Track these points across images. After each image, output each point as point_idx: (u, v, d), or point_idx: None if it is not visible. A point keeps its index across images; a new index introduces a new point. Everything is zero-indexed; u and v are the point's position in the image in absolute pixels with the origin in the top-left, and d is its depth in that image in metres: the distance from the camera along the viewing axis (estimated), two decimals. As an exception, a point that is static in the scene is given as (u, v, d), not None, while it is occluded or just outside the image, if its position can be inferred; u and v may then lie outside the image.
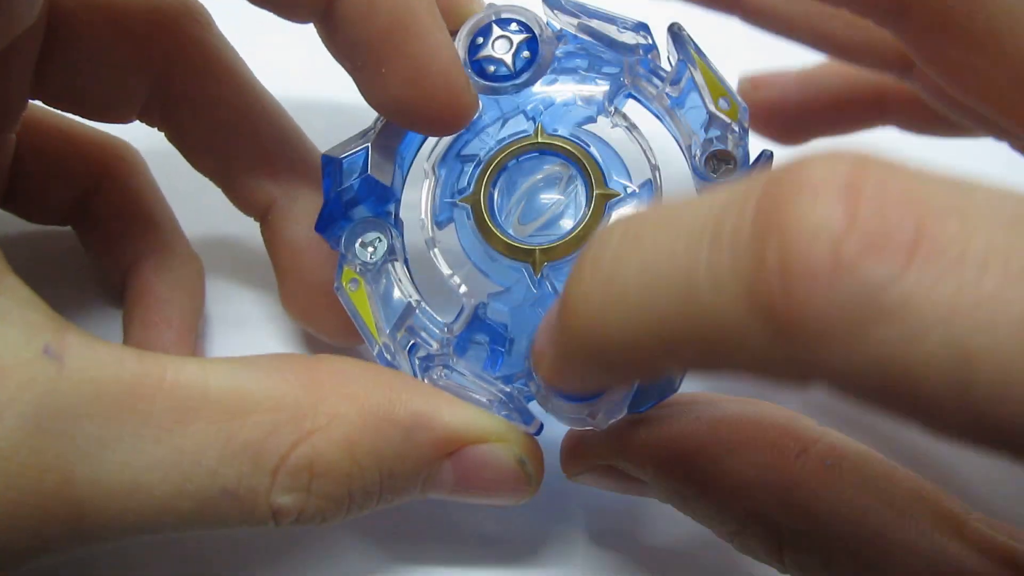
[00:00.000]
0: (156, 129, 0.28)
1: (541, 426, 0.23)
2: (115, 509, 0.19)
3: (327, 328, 0.28)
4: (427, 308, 0.25)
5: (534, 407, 0.23)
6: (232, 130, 0.28)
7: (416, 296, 0.24)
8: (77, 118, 0.28)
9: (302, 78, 0.32)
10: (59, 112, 0.28)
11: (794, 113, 0.31)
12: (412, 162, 0.27)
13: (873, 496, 0.21)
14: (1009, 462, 0.14)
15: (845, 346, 0.13)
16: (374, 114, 0.25)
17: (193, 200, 0.29)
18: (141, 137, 0.29)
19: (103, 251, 0.30)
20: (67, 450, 0.19)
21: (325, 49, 0.25)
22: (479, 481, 0.23)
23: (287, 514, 0.21)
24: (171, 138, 0.28)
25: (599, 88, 0.25)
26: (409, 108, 0.24)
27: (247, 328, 0.30)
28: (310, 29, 0.24)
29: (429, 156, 0.26)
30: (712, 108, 0.24)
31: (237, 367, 0.21)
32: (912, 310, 0.13)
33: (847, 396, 0.14)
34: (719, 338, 0.15)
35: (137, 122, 0.28)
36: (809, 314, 0.14)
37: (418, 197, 0.26)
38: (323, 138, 0.29)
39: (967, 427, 0.13)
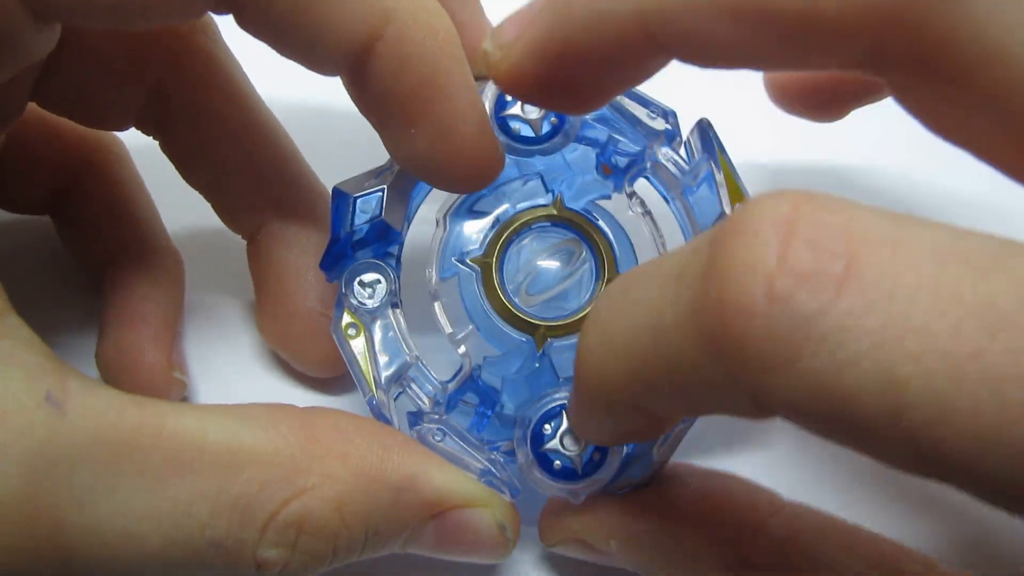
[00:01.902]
0: (151, 138, 0.27)
1: (519, 490, 0.24)
2: (105, 556, 0.19)
3: (302, 358, 0.28)
4: (423, 365, 0.25)
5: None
6: (226, 147, 0.26)
7: (415, 352, 0.24)
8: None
9: (306, 98, 0.31)
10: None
11: (827, 87, 0.29)
12: (419, 207, 0.26)
13: (825, 570, 0.22)
14: (952, 488, 0.14)
15: (784, 376, 0.14)
16: (376, 139, 0.25)
17: (184, 201, 0.28)
18: (139, 139, 0.28)
19: (81, 242, 0.28)
20: (62, 498, 0.18)
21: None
22: (460, 542, 0.23)
23: (271, 567, 0.21)
24: (165, 148, 0.27)
25: (618, 164, 0.26)
26: (435, 166, 0.23)
27: (227, 333, 0.29)
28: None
29: (441, 206, 0.26)
30: (728, 210, 0.24)
31: (235, 419, 0.21)
32: (842, 340, 0.13)
33: (801, 425, 0.15)
34: (683, 375, 0.16)
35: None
36: (748, 346, 0.14)
37: (415, 238, 0.26)
38: (322, 158, 0.28)
39: (904, 453, 0.14)
